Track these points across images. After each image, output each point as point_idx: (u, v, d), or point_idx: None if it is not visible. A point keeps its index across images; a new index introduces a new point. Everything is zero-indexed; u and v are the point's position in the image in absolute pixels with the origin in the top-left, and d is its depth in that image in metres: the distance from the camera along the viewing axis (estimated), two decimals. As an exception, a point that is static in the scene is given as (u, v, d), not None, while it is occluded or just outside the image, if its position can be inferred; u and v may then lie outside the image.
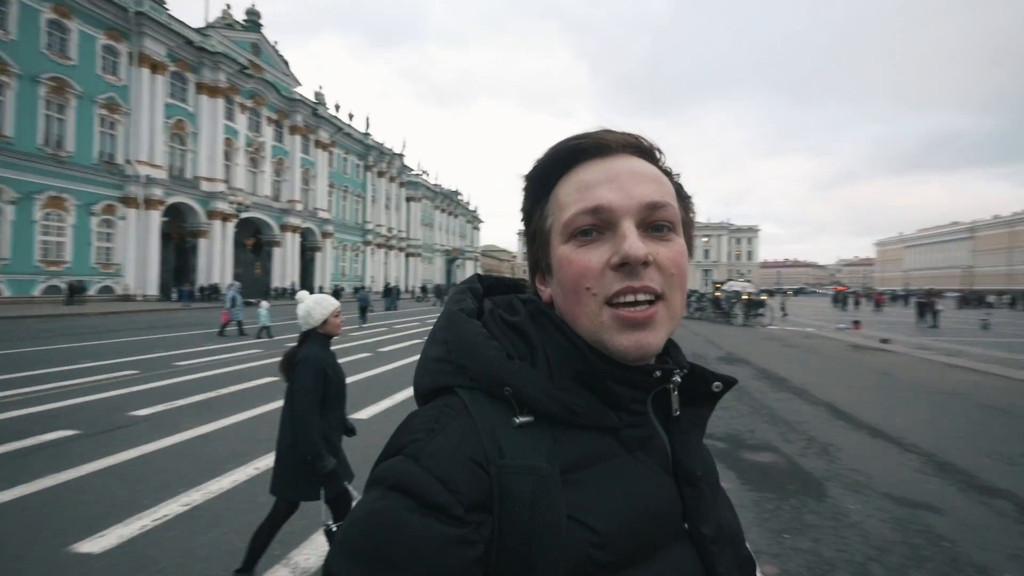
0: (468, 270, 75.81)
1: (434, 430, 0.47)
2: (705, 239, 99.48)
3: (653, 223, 0.51)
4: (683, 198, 0.56)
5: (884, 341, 15.18)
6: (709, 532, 0.52)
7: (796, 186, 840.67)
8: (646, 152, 0.54)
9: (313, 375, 2.53)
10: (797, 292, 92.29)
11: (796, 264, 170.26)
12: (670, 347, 0.57)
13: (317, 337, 2.69)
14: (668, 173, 0.56)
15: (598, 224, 0.50)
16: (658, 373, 0.51)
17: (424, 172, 64.78)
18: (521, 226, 0.61)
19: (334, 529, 2.35)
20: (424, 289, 55.15)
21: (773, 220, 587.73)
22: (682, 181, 0.57)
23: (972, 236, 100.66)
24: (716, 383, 0.56)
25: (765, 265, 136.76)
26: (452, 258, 73.50)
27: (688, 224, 0.55)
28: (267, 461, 3.99)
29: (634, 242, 0.48)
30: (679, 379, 0.54)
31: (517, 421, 0.48)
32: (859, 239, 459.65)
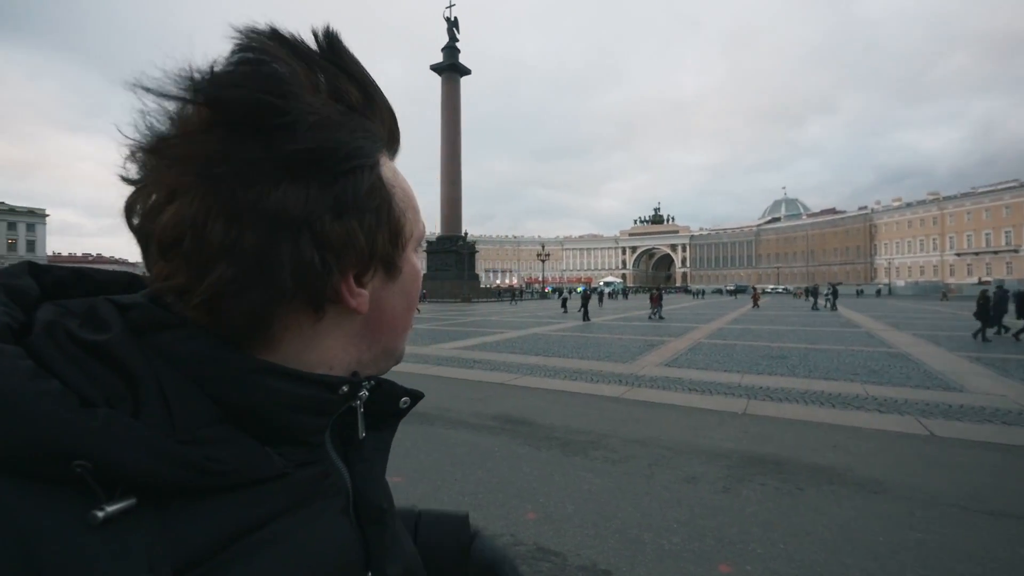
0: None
1: None
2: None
3: None
4: None
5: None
6: (395, 572, 0.44)
7: (103, 171, 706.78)
8: None
9: None
10: None
11: (101, 260, 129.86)
12: None
13: None
14: None
15: None
16: (345, 388, 0.39)
17: None
18: None
19: None
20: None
21: (74, 207, 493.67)
22: None
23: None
24: (404, 398, 0.46)
25: (56, 259, 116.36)
26: None
27: None
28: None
29: None
30: (366, 393, 0.43)
31: (100, 515, 0.28)
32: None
